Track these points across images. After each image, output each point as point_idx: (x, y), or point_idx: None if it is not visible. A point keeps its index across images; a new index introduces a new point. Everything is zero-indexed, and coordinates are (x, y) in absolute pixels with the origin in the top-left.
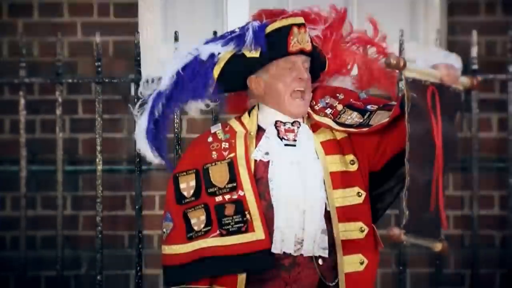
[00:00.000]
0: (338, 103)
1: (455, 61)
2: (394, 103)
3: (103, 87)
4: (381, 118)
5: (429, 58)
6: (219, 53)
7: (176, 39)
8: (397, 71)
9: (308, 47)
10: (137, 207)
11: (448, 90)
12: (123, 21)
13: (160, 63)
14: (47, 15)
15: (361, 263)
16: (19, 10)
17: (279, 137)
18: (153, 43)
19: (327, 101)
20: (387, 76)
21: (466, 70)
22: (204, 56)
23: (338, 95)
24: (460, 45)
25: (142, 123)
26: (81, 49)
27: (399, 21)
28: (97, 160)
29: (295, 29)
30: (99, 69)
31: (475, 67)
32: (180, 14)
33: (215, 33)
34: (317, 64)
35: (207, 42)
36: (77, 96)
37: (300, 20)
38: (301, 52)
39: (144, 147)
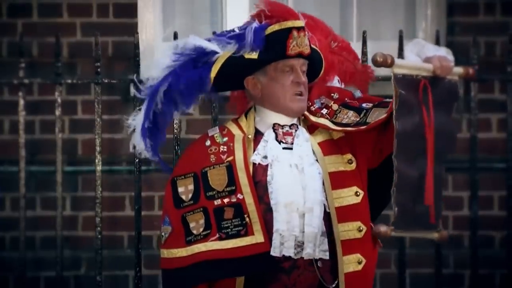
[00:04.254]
0: (333, 103)
1: (446, 53)
2: (389, 100)
3: (103, 88)
4: (378, 115)
5: (421, 53)
6: (216, 53)
7: (175, 39)
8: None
9: (306, 50)
10: (136, 207)
11: (443, 82)
12: (123, 21)
13: (155, 62)
14: (46, 16)
15: (359, 263)
16: (19, 10)
17: (277, 140)
18: (153, 43)
19: (322, 101)
20: (360, 77)
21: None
22: (204, 48)
23: (332, 94)
24: (459, 45)
25: (138, 120)
26: (80, 49)
27: (399, 21)
28: (97, 160)
29: (294, 33)
30: (99, 69)
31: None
32: (180, 15)
33: (214, 33)
34: (315, 66)
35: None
36: (76, 97)
37: (300, 23)
38: (300, 55)
39: (139, 144)
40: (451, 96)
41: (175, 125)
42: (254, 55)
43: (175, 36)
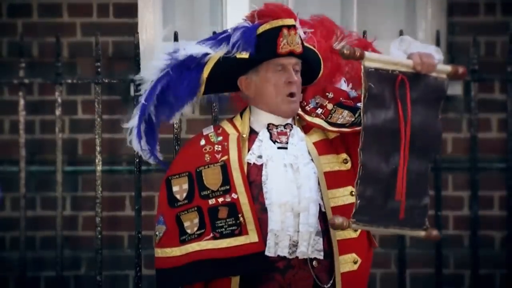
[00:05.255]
0: (328, 102)
1: (435, 51)
2: None
3: (103, 88)
4: None
5: (408, 50)
6: (207, 54)
7: (175, 39)
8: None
9: (298, 49)
10: (136, 207)
11: (427, 79)
12: (123, 21)
13: (149, 65)
14: (46, 16)
15: (355, 262)
16: (19, 10)
17: (271, 140)
18: (153, 43)
19: (317, 101)
20: None
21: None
22: (194, 55)
23: (327, 94)
24: (459, 45)
25: (132, 123)
26: (80, 49)
27: (399, 21)
28: (97, 160)
29: (284, 31)
30: (99, 69)
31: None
32: (180, 15)
33: (214, 33)
34: (313, 66)
35: (197, 43)
36: (76, 97)
37: (290, 22)
38: (292, 54)
39: (136, 146)
40: (437, 94)
41: (175, 125)
42: (246, 55)
43: (175, 36)
